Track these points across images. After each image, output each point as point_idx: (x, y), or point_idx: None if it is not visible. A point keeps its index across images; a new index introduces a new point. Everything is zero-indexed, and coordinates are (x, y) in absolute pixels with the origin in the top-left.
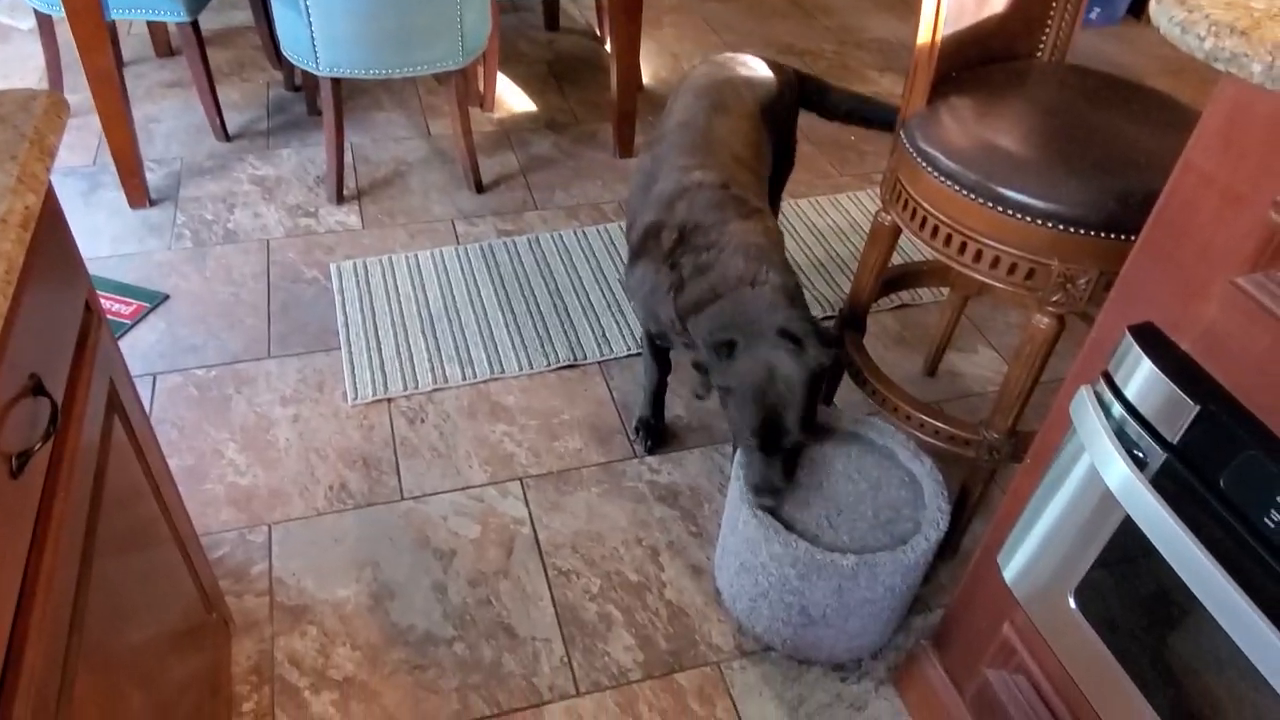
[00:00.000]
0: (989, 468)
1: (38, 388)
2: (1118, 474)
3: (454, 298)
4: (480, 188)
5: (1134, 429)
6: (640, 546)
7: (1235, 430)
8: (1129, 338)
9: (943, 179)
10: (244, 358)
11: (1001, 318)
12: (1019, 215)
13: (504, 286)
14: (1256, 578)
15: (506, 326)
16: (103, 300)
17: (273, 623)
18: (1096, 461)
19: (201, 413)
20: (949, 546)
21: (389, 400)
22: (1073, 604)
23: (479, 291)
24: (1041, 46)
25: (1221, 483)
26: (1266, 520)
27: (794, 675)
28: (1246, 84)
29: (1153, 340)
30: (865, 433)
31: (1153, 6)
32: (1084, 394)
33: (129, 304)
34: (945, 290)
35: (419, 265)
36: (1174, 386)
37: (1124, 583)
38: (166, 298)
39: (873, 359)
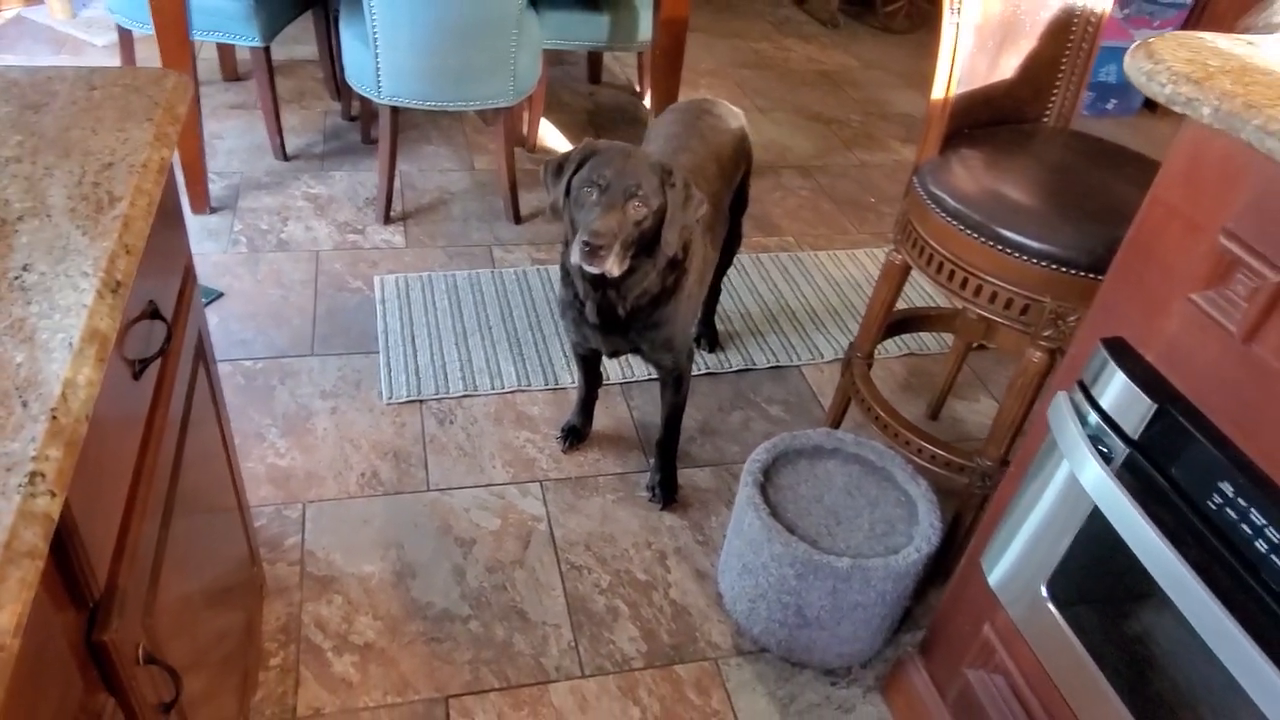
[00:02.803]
0: (981, 495)
1: (155, 312)
2: (1087, 468)
3: (487, 315)
4: (518, 218)
5: (1101, 428)
6: (649, 550)
7: (1186, 425)
8: (1101, 350)
9: (949, 219)
10: (289, 353)
11: (1004, 371)
12: (1016, 254)
13: (535, 309)
14: (1202, 556)
15: (535, 345)
16: None
17: (302, 589)
18: (1069, 458)
19: (247, 399)
20: (941, 571)
21: (421, 401)
22: (1044, 593)
23: (511, 312)
24: (1048, 112)
25: (1173, 472)
26: (1209, 503)
27: (786, 676)
28: (1202, 127)
29: (1122, 351)
30: (866, 454)
31: (1126, 59)
32: (1060, 398)
33: None
34: (949, 339)
35: (456, 284)
36: (1137, 389)
37: (1090, 573)
38: (221, 295)
39: (878, 389)
